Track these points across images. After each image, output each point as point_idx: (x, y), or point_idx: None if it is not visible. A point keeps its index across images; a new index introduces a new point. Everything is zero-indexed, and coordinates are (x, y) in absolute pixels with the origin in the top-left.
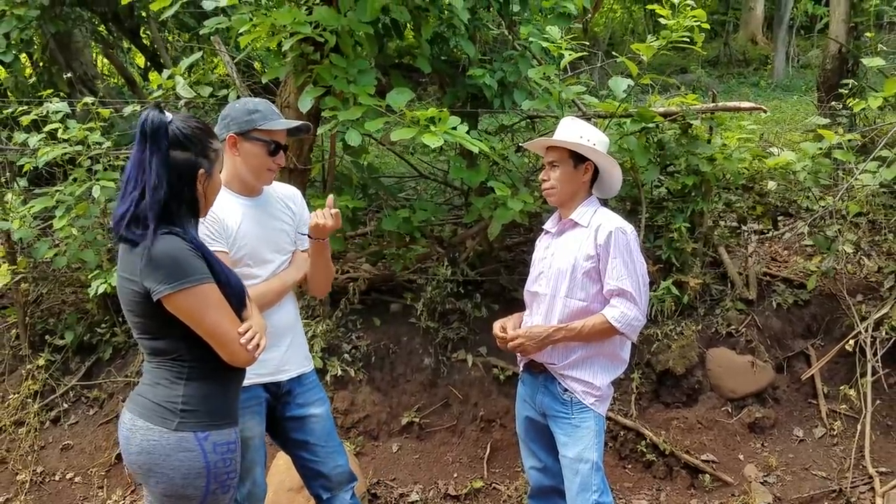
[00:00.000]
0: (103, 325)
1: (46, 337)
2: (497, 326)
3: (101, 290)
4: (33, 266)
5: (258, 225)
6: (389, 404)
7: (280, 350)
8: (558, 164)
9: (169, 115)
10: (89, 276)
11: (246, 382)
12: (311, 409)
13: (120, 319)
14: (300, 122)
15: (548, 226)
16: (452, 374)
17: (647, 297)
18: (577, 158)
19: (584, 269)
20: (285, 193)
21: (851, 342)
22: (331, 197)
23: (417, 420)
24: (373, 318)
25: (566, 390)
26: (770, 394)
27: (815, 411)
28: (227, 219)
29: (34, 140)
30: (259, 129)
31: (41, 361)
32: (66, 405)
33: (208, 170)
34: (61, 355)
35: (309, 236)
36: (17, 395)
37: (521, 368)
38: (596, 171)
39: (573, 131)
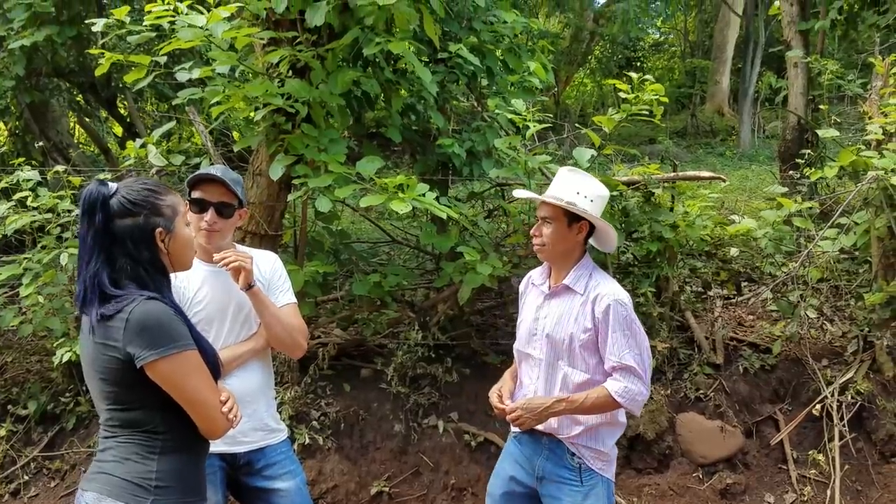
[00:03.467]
0: (67, 395)
1: (9, 406)
2: (494, 396)
3: (66, 359)
4: None
5: (221, 291)
6: (359, 473)
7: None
8: (551, 221)
9: (113, 186)
10: (55, 344)
11: None
12: (278, 483)
13: (84, 389)
14: (209, 170)
15: (536, 279)
16: (423, 440)
17: (651, 370)
18: (572, 217)
19: (581, 340)
20: (255, 260)
21: (818, 407)
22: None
23: (387, 489)
24: (342, 383)
25: (574, 455)
26: (740, 459)
27: (786, 476)
28: (182, 283)
29: (2, 208)
30: (191, 191)
31: (2, 432)
32: (26, 477)
33: (167, 226)
34: (23, 425)
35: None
36: None
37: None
38: (592, 227)
39: (570, 186)
